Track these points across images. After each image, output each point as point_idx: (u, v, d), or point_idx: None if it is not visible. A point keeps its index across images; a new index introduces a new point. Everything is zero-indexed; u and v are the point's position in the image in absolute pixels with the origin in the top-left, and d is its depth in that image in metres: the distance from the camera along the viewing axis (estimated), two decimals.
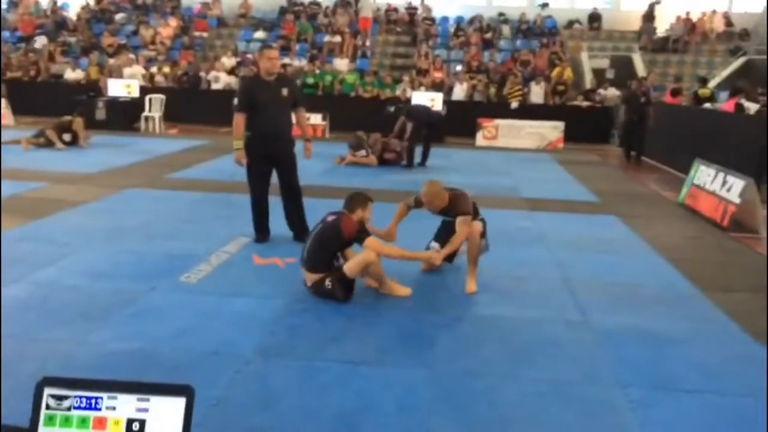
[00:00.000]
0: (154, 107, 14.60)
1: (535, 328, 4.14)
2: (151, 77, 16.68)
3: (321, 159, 11.18)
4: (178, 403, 1.66)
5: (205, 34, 20.09)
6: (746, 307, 4.67)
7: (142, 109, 14.57)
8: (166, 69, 17.16)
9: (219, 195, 7.90)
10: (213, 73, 16.47)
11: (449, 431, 2.92)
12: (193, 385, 1.59)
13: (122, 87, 14.96)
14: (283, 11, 20.71)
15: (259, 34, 19.57)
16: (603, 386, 3.39)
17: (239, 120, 5.65)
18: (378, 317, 4.22)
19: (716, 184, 7.56)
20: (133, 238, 5.84)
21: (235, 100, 5.74)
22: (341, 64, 17.27)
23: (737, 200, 7.02)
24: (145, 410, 1.64)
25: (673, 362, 3.69)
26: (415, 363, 3.59)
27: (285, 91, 5.67)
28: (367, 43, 19.04)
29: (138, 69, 16.43)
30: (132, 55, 17.33)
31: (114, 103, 14.66)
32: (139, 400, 1.64)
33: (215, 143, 12.66)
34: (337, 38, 18.75)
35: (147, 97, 14.62)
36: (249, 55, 17.93)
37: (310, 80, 16.17)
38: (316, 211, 6.72)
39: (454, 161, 11.78)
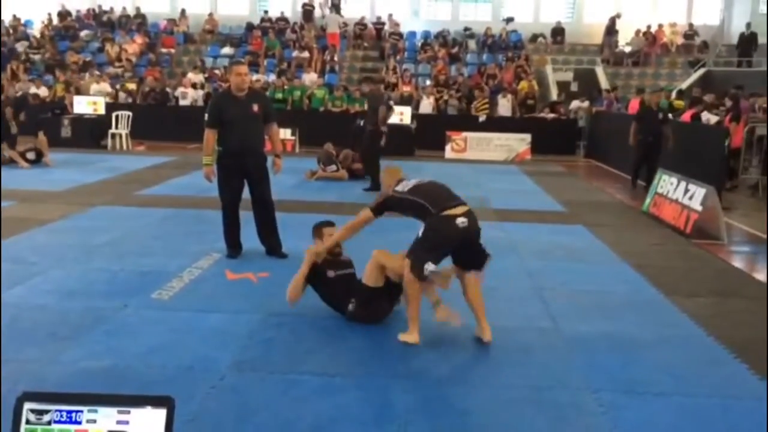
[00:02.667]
0: (121, 124, 14.47)
1: (508, 336, 4.20)
2: (116, 95, 16.53)
3: (291, 173, 11.18)
4: (159, 415, 1.67)
5: (171, 51, 20.00)
6: (709, 312, 4.81)
7: (109, 126, 14.42)
8: (131, 86, 17.01)
9: (189, 211, 7.87)
10: (180, 90, 16.39)
11: None
12: None
13: (88, 104, 14.80)
14: (250, 27, 20.73)
15: (227, 50, 19.56)
16: (574, 391, 3.46)
17: (209, 136, 5.65)
18: (353, 329, 4.24)
19: (679, 193, 7.76)
20: (103, 255, 5.79)
21: (206, 116, 5.76)
22: (310, 79, 17.34)
23: (699, 208, 7.22)
24: (126, 422, 1.65)
25: (642, 366, 3.78)
26: (390, 373, 3.62)
27: (256, 107, 5.68)
28: (336, 58, 19.16)
29: (104, 86, 16.28)
30: (98, 72, 17.18)
31: (80, 121, 14.49)
32: (119, 412, 1.65)
33: (184, 159, 12.58)
34: (306, 54, 18.83)
35: (114, 114, 14.49)
36: (216, 71, 17.90)
37: (279, 95, 16.19)
38: (288, 226, 6.76)
39: (424, 174, 11.80)
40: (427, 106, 15.95)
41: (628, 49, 20.72)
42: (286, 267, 5.55)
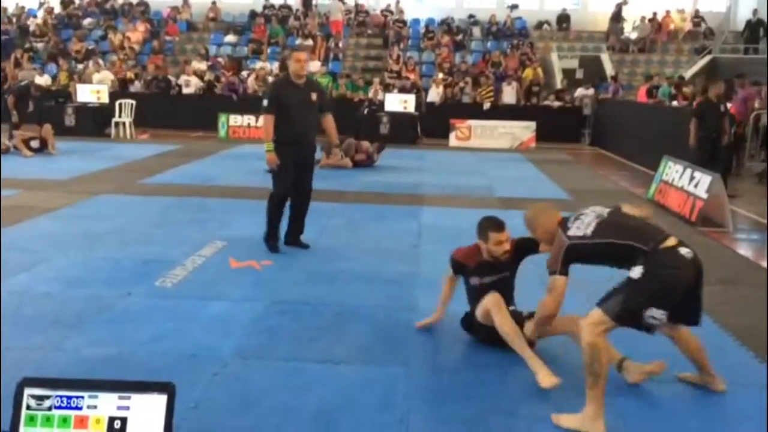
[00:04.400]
0: (125, 112, 14.45)
1: None
2: (124, 82, 16.49)
3: None
4: (160, 401, 1.67)
5: (175, 39, 19.94)
6: (716, 299, 4.77)
7: (113, 115, 14.41)
8: (130, 74, 16.93)
9: (193, 199, 7.85)
10: (183, 77, 16.35)
11: (428, 427, 2.95)
12: None
13: (91, 92, 14.77)
14: (253, 15, 20.64)
15: (230, 38, 19.49)
16: (580, 376, 3.45)
17: (269, 121, 5.46)
18: (356, 317, 4.24)
19: (684, 180, 7.72)
20: (107, 244, 5.78)
21: (264, 102, 5.66)
22: (314, 66, 17.25)
23: (704, 195, 7.18)
24: (126, 408, 1.65)
25: (647, 353, 3.74)
26: (393, 361, 3.62)
27: (314, 96, 5.57)
28: (340, 46, 19.07)
29: (107, 74, 16.25)
30: (101, 61, 17.15)
31: (83, 109, 14.47)
32: (120, 398, 1.65)
33: (187, 148, 12.57)
34: (309, 41, 18.75)
35: (117, 103, 14.47)
36: (220, 59, 17.86)
37: None
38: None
39: (428, 162, 11.85)
40: (434, 95, 15.87)
41: (633, 36, 20.57)
42: (290, 256, 5.57)
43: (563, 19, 21.26)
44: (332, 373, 3.41)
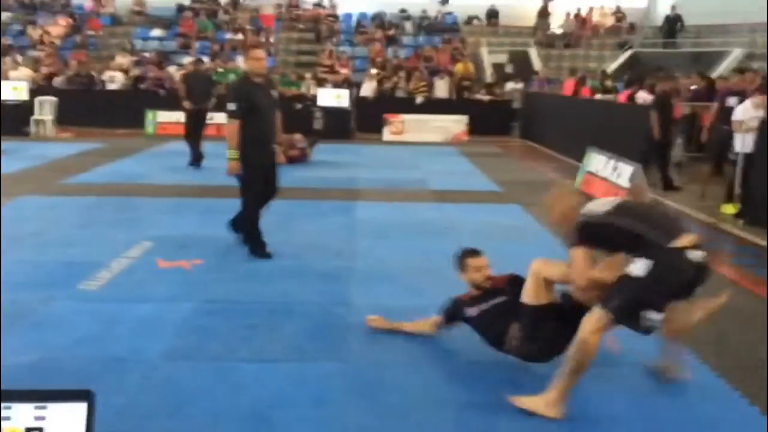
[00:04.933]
0: (45, 110, 13.84)
1: None
2: (50, 77, 15.78)
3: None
4: (79, 409, 1.61)
5: (98, 33, 19.24)
6: None
7: (32, 113, 13.78)
8: (47, 70, 16.23)
9: (119, 199, 7.61)
10: (108, 73, 15.81)
11: (363, 421, 2.96)
12: (98, 393, 1.54)
13: (10, 89, 14.08)
14: (180, 8, 20.12)
15: (157, 32, 18.95)
16: (510, 365, 3.53)
17: (235, 128, 5.13)
18: (290, 314, 4.20)
19: (608, 171, 7.99)
20: (27, 247, 5.54)
21: (228, 106, 5.17)
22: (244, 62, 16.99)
23: (627, 185, 7.45)
24: (43, 418, 1.58)
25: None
26: (327, 357, 3.61)
27: (275, 94, 5.44)
28: (271, 41, 18.82)
29: (25, 71, 15.53)
30: (20, 57, 16.38)
31: (1, 107, 13.78)
32: (36, 408, 1.58)
33: (113, 146, 12.17)
34: (240, 36, 18.43)
35: (37, 100, 13.85)
36: (146, 54, 17.34)
37: (213, 79, 15.79)
38: (220, 211, 6.63)
39: (362, 157, 11.85)
40: (368, 89, 15.86)
41: (560, 32, 21.13)
42: (222, 254, 5.47)
43: (492, 14, 21.63)
44: (266, 372, 3.37)
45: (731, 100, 8.39)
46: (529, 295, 3.31)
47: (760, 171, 7.05)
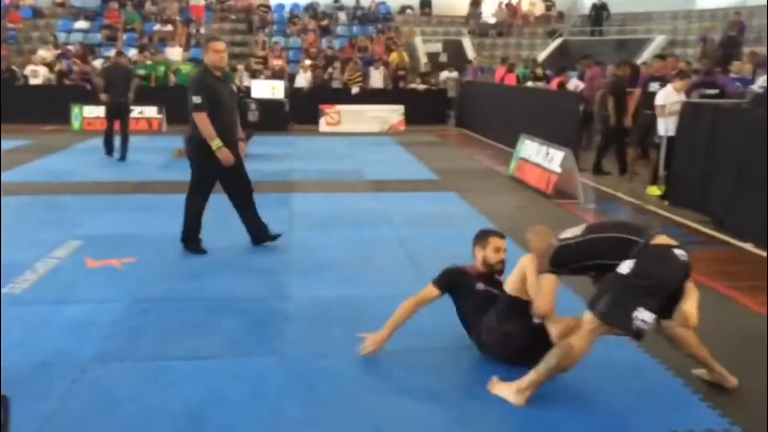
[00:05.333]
0: None
1: (383, 304, 4.25)
2: None
3: (159, 153, 10.71)
4: None
5: (19, 26, 18.39)
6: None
7: None
8: None
9: (44, 197, 7.32)
10: (30, 68, 15.15)
11: (299, 413, 2.95)
12: (24, 399, 1.49)
13: None
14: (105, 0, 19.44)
15: (81, 24, 18.27)
16: (446, 351, 3.58)
17: (205, 119, 5.02)
18: (226, 310, 4.14)
19: (540, 156, 8.17)
20: None
21: (194, 99, 5.05)
22: (174, 53, 16.57)
23: (558, 170, 7.65)
24: None
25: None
26: (264, 351, 3.58)
27: (234, 88, 5.31)
28: (202, 31, 18.40)
29: None
30: None
31: None
32: None
33: (38, 142, 11.69)
34: (168, 27, 17.95)
35: None
36: (70, 47, 16.70)
37: (142, 71, 15.34)
38: (153, 208, 6.48)
39: (298, 149, 11.77)
40: (302, 80, 15.72)
41: (492, 21, 21.42)
42: (155, 251, 5.33)
43: (425, 3, 21.74)
44: (200, 370, 3.32)
45: (653, 86, 8.70)
46: (509, 285, 3.37)
47: (682, 153, 7.35)
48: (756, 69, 11.05)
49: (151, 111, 13.95)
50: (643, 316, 2.74)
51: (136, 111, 13.94)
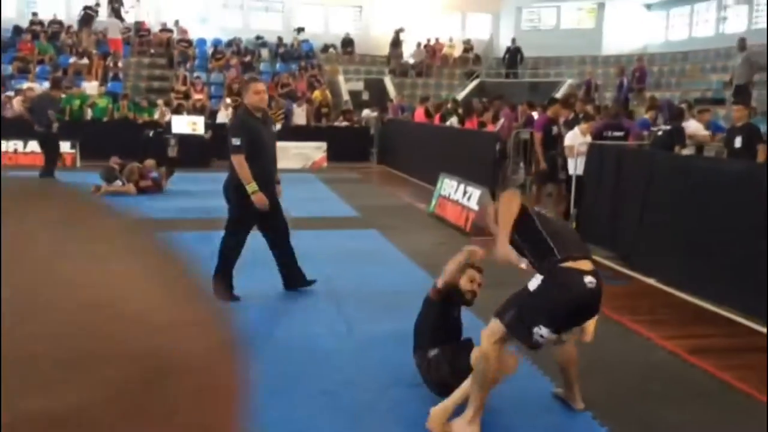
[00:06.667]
0: None
1: (305, 343, 4.29)
2: None
3: None
4: None
5: None
6: (487, 304, 5.28)
7: None
8: None
9: None
10: None
11: None
12: None
13: None
14: (18, 31, 18.79)
15: None
16: (365, 391, 3.63)
17: (243, 161, 4.93)
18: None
19: (459, 194, 8.44)
20: None
21: (233, 140, 4.97)
22: (90, 87, 16.16)
23: (476, 207, 7.91)
24: None
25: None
26: None
27: (273, 129, 5.23)
28: (119, 65, 18.05)
29: None
30: None
31: None
32: None
33: None
34: (85, 60, 17.51)
35: None
36: None
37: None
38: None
39: (220, 185, 11.60)
40: (224, 117, 15.61)
41: (412, 61, 22.04)
42: None
43: (347, 43, 22.15)
44: None
45: (554, 129, 9.12)
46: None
47: (590, 192, 7.76)
48: (658, 113, 11.83)
49: (64, 146, 13.50)
50: (542, 332, 2.90)
51: None
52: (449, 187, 8.81)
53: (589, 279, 2.95)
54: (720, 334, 4.80)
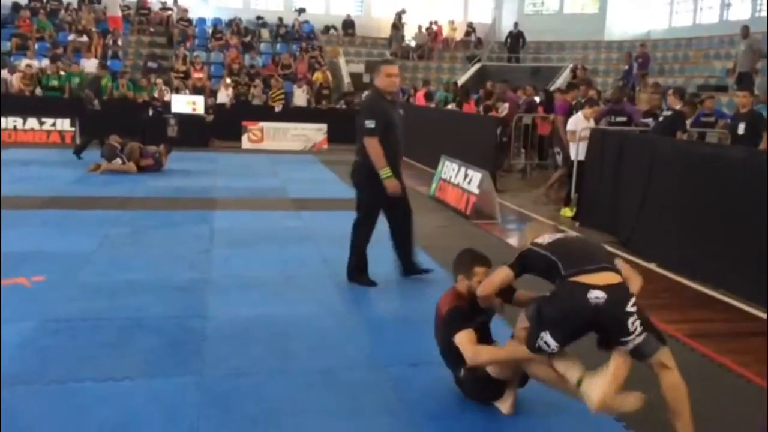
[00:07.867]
0: None
1: (304, 323, 4.27)
2: None
3: (72, 167, 10.33)
4: None
5: None
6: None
7: None
8: None
9: None
10: None
11: (218, 431, 2.92)
12: None
13: None
14: (16, 7, 18.61)
15: None
16: (365, 369, 3.63)
17: (377, 144, 4.82)
18: (142, 329, 4.04)
19: (459, 178, 8.40)
20: None
21: (367, 123, 4.86)
22: (90, 65, 16.03)
23: (476, 191, 7.88)
24: None
25: (427, 340, 4.05)
26: (182, 371, 3.51)
27: (402, 112, 5.10)
28: (119, 43, 17.91)
29: None
30: None
31: None
32: None
33: None
34: (84, 38, 17.36)
35: None
36: None
37: (54, 82, 14.81)
38: (64, 224, 6.20)
39: (220, 165, 11.60)
40: (224, 96, 15.52)
41: (413, 44, 21.88)
42: (66, 270, 5.14)
43: (348, 24, 21.98)
44: (114, 391, 3.23)
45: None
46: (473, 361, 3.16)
47: (591, 177, 7.73)
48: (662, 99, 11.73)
49: (63, 124, 13.45)
50: (547, 339, 2.87)
51: (48, 123, 13.45)
52: (450, 170, 8.78)
53: (595, 294, 2.80)
54: (720, 318, 4.80)
